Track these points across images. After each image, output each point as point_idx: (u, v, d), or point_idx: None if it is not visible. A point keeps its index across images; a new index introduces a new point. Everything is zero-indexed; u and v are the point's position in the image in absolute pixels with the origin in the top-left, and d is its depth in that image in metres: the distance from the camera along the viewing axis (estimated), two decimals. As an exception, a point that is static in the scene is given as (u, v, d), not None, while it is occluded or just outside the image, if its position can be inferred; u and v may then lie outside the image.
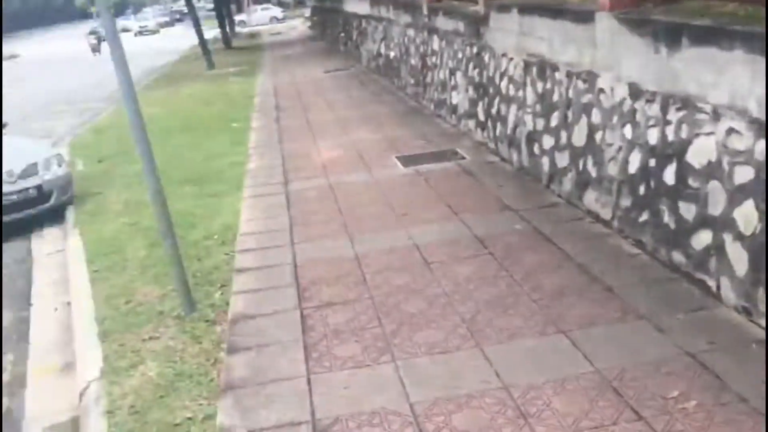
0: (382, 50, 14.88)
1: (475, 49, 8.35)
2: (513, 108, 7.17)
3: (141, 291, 5.35)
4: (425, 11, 10.69)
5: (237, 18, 49.43)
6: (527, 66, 6.73)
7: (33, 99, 22.00)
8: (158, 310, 4.97)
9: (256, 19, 50.42)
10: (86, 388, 4.19)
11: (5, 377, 4.73)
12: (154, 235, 6.08)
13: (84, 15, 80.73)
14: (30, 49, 54.88)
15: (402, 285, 4.73)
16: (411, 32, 11.90)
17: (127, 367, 4.29)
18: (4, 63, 40.49)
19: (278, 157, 8.75)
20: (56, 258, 6.86)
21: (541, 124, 6.45)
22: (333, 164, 8.12)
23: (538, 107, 6.52)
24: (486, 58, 7.93)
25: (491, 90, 7.82)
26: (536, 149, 6.59)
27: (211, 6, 32.54)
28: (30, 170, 7.88)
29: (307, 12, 50.02)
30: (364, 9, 17.02)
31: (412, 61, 11.90)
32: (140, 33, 55.36)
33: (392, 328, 4.18)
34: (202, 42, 21.67)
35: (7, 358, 4.98)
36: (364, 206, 6.44)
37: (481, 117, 8.20)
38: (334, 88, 14.50)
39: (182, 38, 41.96)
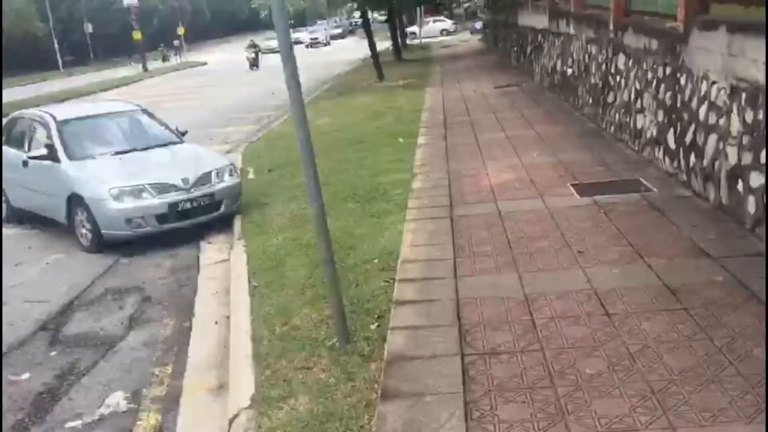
0: (558, 66, 14.15)
1: (668, 70, 7.52)
2: (712, 138, 6.31)
3: (298, 313, 5.20)
4: (611, 26, 9.91)
5: (408, 30, 50.13)
6: (734, 91, 5.87)
7: (214, 105, 23.42)
8: (313, 337, 4.77)
9: (427, 32, 50.79)
10: (236, 415, 4.05)
11: (162, 391, 4.74)
12: (315, 254, 5.96)
13: (270, 25, 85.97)
14: (215, 57, 59.27)
15: (578, 338, 4.17)
16: (593, 48, 11.13)
17: (277, 398, 4.10)
18: (193, 69, 43.93)
19: (444, 177, 8.40)
20: (221, 268, 6.96)
21: (748, 158, 5.58)
22: (502, 188, 7.64)
23: (745, 139, 5.66)
24: (682, 80, 7.09)
25: (685, 116, 6.97)
26: (740, 187, 5.72)
27: (384, 18, 33.05)
28: (204, 179, 8.12)
29: (479, 24, 49.74)
30: (541, 23, 16.34)
31: (592, 80, 11.12)
32: (311, 45, 58.63)
33: (566, 391, 3.65)
34: (374, 54, 21.95)
35: (166, 370, 5.01)
36: (536, 239, 5.90)
37: (672, 145, 7.36)
38: (504, 104, 13.98)
39: (355, 50, 43.24)
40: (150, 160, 8.43)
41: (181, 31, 57.43)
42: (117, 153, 8.49)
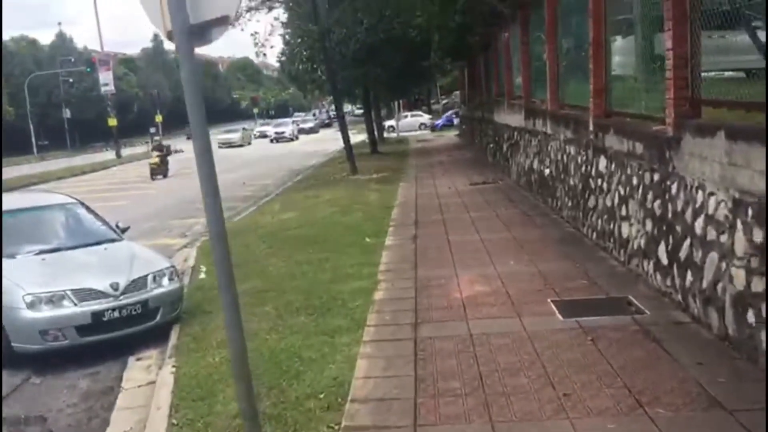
0: (536, 166, 13.61)
1: (656, 176, 6.85)
2: (713, 256, 5.54)
3: (217, 470, 4.16)
4: (591, 127, 9.35)
5: (386, 123, 50.55)
6: (737, 205, 5.15)
7: (182, 194, 22.62)
8: None
9: (405, 125, 51.24)
10: None
11: None
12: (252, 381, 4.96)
13: (248, 115, 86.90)
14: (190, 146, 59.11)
15: None
16: (571, 149, 10.57)
17: None
18: (173, 157, 43.41)
19: (411, 287, 7.52)
20: (145, 393, 5.89)
21: (759, 284, 4.78)
22: (475, 303, 6.75)
23: (754, 261, 4.88)
24: (673, 188, 6.40)
25: (679, 228, 6.23)
26: (750, 317, 4.90)
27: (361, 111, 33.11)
28: (138, 284, 7.16)
29: (440, 122, 50.30)
30: (517, 121, 15.98)
31: (571, 181, 10.50)
32: (276, 140, 54.17)
33: None
34: (348, 146, 21.48)
35: None
36: (513, 373, 4.97)
37: (663, 259, 6.58)
38: (479, 203, 13.30)
39: (333, 141, 43.15)
40: (77, 261, 7.47)
41: (158, 118, 57.35)
42: (41, 252, 7.52)
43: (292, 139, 54.81)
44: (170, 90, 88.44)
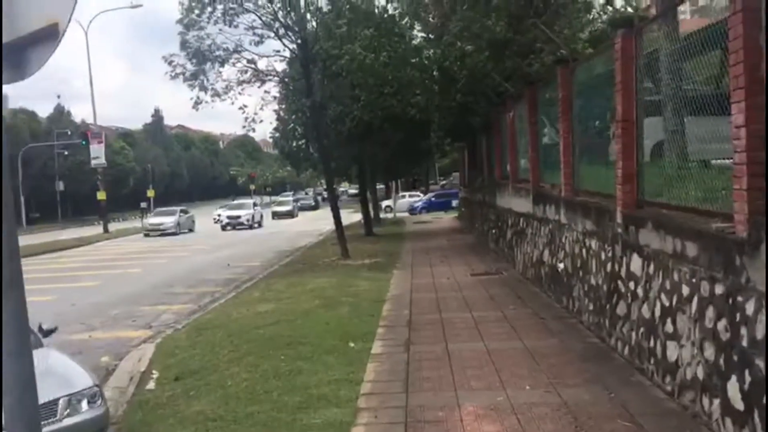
0: (546, 258, 12.08)
1: (719, 288, 5.29)
2: (822, 410, 3.92)
3: None
4: (620, 219, 7.87)
5: (384, 203, 49.39)
6: None
7: (160, 275, 21.03)
8: None
9: (402, 206, 50.07)
10: None
11: None
12: None
13: (247, 192, 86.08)
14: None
15: None
16: (592, 243, 9.07)
17: None
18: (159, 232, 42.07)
19: (399, 422, 5.83)
20: None
21: None
22: (483, 455, 5.06)
23: None
24: (748, 307, 4.83)
25: (760, 362, 4.63)
26: None
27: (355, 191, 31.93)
28: (46, 411, 5.47)
29: (420, 204, 49.22)
30: (523, 206, 14.56)
31: (593, 280, 8.94)
32: (229, 226, 41.91)
33: None
34: (339, 228, 20.00)
35: None
36: None
37: (737, 401, 4.94)
38: (483, 300, 11.69)
39: (328, 220, 41.82)
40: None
41: (150, 193, 56.26)
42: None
43: (253, 227, 42.35)
44: (168, 165, 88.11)
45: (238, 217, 42.76)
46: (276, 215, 53.00)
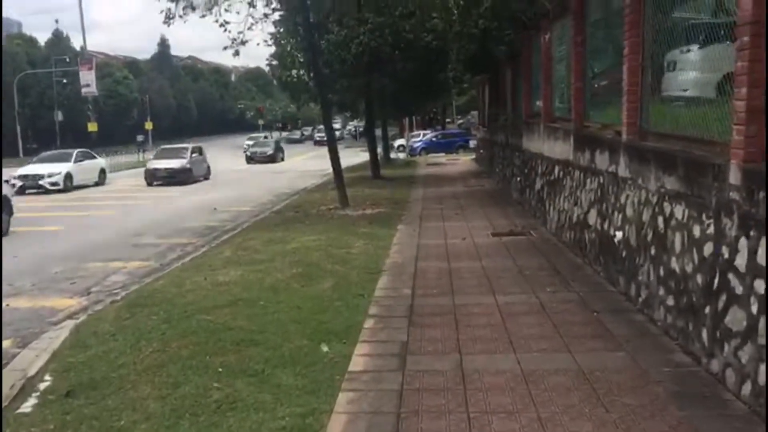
0: (593, 220, 9.25)
1: None
2: None
3: None
4: (734, 179, 5.01)
5: (397, 142, 46.34)
6: None
7: (136, 219, 18.53)
8: None
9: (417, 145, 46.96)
10: None
11: None
12: None
13: (255, 127, 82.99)
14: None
15: None
16: (677, 210, 6.21)
17: None
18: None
19: None
20: None
21: None
22: None
23: None
24: None
25: None
26: None
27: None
28: None
29: (419, 143, 45.47)
30: (559, 151, 11.64)
31: (675, 264, 6.13)
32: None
33: None
34: (337, 172, 17.13)
35: None
36: None
37: None
38: (510, 273, 8.93)
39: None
40: None
41: (148, 125, 53.25)
42: None
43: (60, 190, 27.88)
44: (174, 97, 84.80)
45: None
46: (250, 159, 44.68)
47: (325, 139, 17.82)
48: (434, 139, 46.82)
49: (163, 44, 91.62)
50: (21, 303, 9.55)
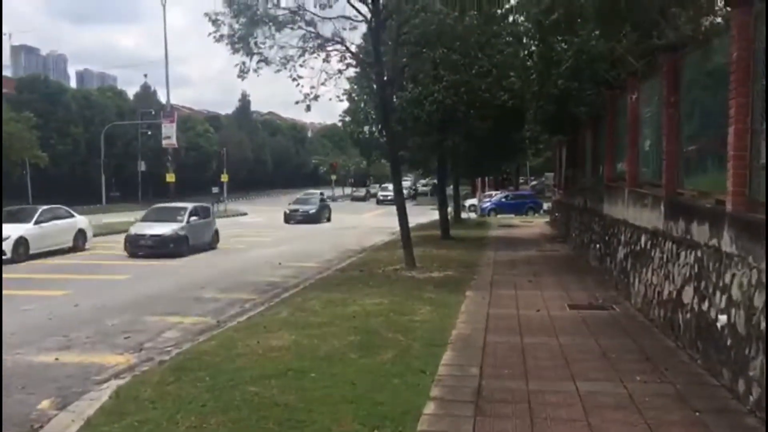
0: (688, 299, 8.19)
1: None
2: None
3: None
4: None
5: (468, 202, 45.58)
6: None
7: (202, 272, 18.28)
8: None
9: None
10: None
11: None
12: None
13: (328, 182, 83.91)
14: (263, 208, 55.60)
15: None
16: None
17: None
18: (228, 219, 39.79)
19: None
20: None
21: None
22: None
23: None
24: None
25: None
26: None
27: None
28: None
29: (488, 204, 44.24)
30: (647, 219, 10.65)
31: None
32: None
33: None
34: (405, 233, 16.45)
35: None
36: None
37: None
38: (591, 355, 7.94)
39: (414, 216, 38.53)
40: None
41: (224, 178, 54.37)
42: None
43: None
44: (252, 151, 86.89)
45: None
46: (289, 219, 39.14)
47: (389, 197, 17.23)
48: (504, 200, 46.06)
49: (244, 99, 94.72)
50: (70, 358, 9.18)
